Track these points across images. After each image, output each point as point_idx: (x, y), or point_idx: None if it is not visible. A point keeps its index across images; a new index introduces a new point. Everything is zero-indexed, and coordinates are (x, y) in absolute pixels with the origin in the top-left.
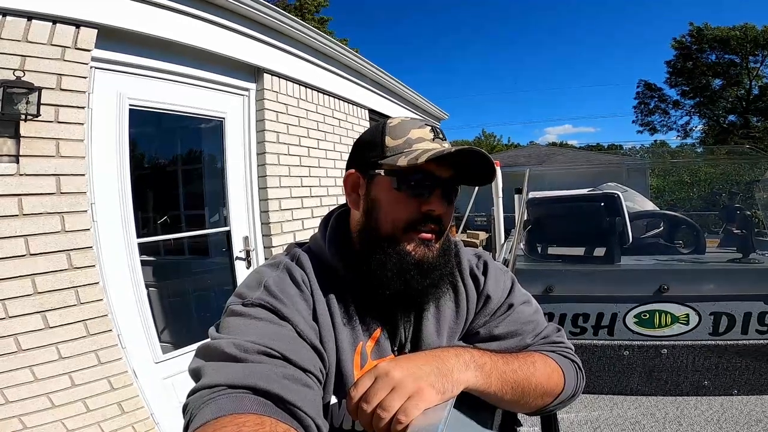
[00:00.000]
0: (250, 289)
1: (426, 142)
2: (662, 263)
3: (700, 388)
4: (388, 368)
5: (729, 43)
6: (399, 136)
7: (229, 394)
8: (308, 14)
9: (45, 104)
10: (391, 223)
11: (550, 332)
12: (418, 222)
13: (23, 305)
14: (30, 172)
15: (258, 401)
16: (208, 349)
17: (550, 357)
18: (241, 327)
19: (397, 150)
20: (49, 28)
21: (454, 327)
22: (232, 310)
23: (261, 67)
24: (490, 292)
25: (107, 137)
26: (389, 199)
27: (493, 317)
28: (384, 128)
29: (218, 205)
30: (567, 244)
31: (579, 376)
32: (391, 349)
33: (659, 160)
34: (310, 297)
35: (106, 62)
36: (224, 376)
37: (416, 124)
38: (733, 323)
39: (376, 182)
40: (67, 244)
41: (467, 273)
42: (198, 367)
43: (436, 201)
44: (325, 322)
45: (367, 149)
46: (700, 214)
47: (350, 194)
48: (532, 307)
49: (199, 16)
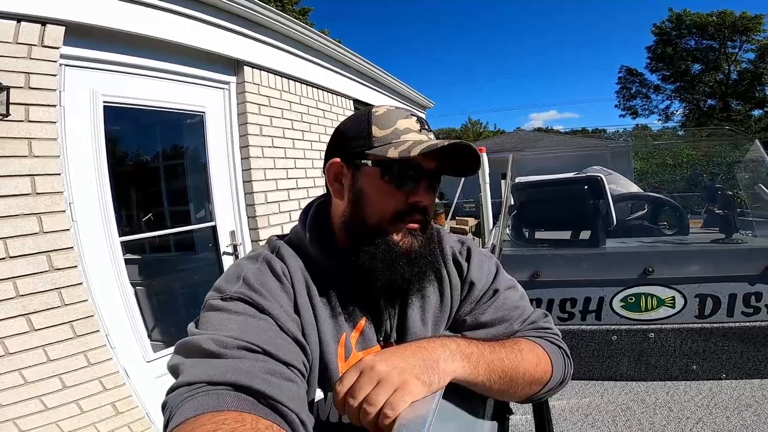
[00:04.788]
0: (229, 282)
1: (413, 133)
2: (647, 245)
3: (688, 372)
4: (373, 362)
5: (707, 29)
6: (386, 126)
7: (208, 392)
8: (288, 5)
9: (14, 103)
10: (379, 213)
11: (537, 318)
12: (405, 213)
13: (6, 308)
14: (3, 173)
15: (238, 398)
16: (187, 346)
17: (538, 344)
18: (220, 322)
19: (385, 140)
20: (13, 27)
21: (439, 315)
22: (210, 305)
23: (241, 60)
24: (473, 278)
25: (82, 135)
26: (377, 190)
27: (479, 304)
28: (370, 117)
29: (203, 200)
30: (552, 228)
31: (567, 363)
32: (376, 339)
33: (643, 142)
34: (291, 289)
35: (77, 59)
36: (203, 373)
37: (402, 114)
38: (718, 305)
39: (362, 172)
40: (46, 245)
41: (450, 259)
42: (176, 364)
43: (423, 192)
44: (307, 314)
45: (352, 138)
46: (683, 195)
47: (333, 183)
48: (518, 293)
49: (173, 9)
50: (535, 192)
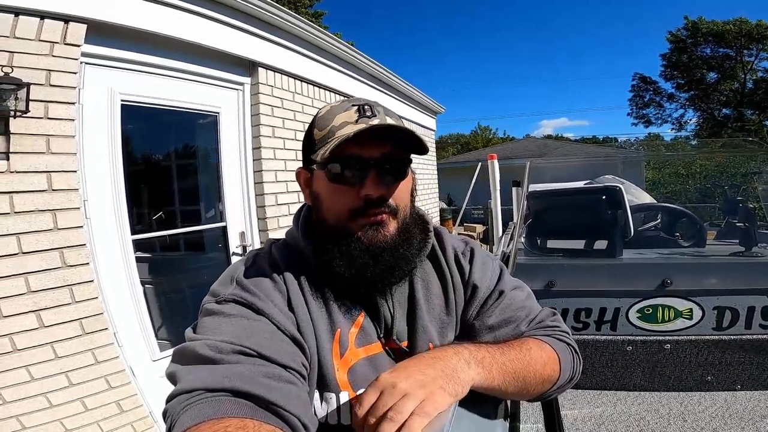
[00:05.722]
0: (223, 285)
1: (349, 125)
2: (665, 257)
3: (703, 383)
4: (393, 379)
5: (724, 37)
6: (324, 126)
7: (207, 399)
8: (302, 8)
9: (34, 100)
10: (335, 214)
11: (544, 317)
12: (361, 209)
13: (17, 304)
14: (20, 169)
15: (238, 403)
16: (183, 352)
17: (545, 341)
18: (215, 326)
19: (323, 142)
20: (36, 24)
21: (446, 319)
22: (206, 309)
23: (255, 61)
24: (476, 280)
25: (99, 133)
26: (327, 192)
27: (485, 307)
28: (314, 120)
29: (214, 200)
30: (568, 237)
31: (576, 360)
32: (376, 335)
33: (656, 152)
34: (284, 287)
35: (97, 57)
36: (200, 380)
37: (343, 107)
38: (736, 318)
39: (315, 177)
40: (60, 242)
41: (452, 260)
42: (173, 371)
43: (371, 184)
44: (301, 311)
45: (304, 145)
46: (696, 206)
47: (304, 190)
48: (524, 292)
49: (191, 9)
50: (551, 200)
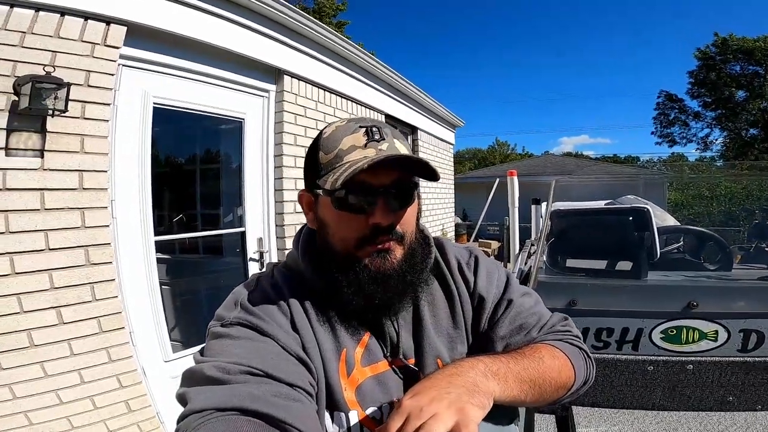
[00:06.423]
0: (228, 309)
1: (358, 150)
2: (691, 279)
3: (724, 403)
4: (418, 402)
5: (754, 54)
6: (330, 150)
7: (218, 417)
8: (326, 17)
9: (72, 100)
10: (341, 242)
11: (555, 322)
12: (368, 237)
13: (39, 300)
14: (53, 167)
15: (249, 422)
16: (192, 374)
17: (557, 347)
18: (222, 348)
19: (330, 167)
20: (80, 25)
21: (453, 333)
22: (212, 333)
23: (281, 69)
24: (482, 291)
25: (131, 135)
26: (334, 220)
27: (495, 317)
28: (318, 142)
29: (234, 205)
30: (592, 257)
31: (588, 364)
32: (382, 353)
33: (679, 173)
34: (287, 309)
35: (133, 60)
36: (210, 400)
37: (350, 129)
38: (762, 340)
39: (320, 202)
40: (86, 240)
41: (456, 272)
42: (183, 392)
43: (380, 213)
44: (306, 332)
45: (307, 167)
46: (719, 229)
47: (307, 213)
48: (533, 299)
49: (223, 15)
50: (576, 219)
